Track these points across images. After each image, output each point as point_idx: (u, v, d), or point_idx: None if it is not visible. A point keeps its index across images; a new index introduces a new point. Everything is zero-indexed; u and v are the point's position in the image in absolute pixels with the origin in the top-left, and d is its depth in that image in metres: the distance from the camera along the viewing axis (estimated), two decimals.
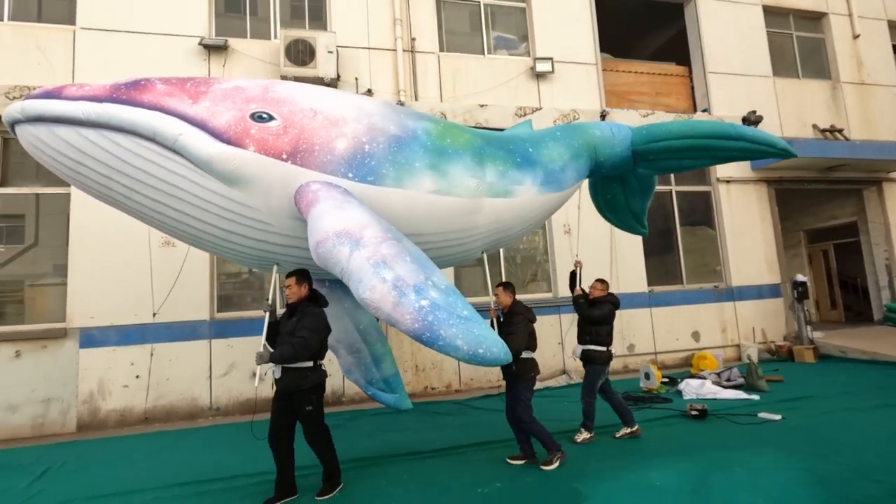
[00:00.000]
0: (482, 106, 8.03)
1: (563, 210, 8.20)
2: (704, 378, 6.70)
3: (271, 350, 3.46)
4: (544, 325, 8.01)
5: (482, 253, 4.60)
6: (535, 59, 8.48)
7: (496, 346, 2.49)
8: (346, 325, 4.71)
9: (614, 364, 8.19)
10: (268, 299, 3.63)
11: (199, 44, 7.11)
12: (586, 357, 4.69)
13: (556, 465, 3.84)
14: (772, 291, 9.27)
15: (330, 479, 3.60)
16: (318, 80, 7.25)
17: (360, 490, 3.63)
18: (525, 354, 4.01)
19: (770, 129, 9.62)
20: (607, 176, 5.41)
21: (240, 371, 6.76)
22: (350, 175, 3.32)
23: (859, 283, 11.52)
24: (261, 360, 3.39)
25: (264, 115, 3.25)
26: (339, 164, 3.32)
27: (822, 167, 9.70)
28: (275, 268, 3.78)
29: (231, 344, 6.80)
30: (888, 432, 4.20)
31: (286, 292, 3.59)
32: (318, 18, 7.93)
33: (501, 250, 8.15)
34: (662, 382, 6.84)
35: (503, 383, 7.46)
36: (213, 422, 6.43)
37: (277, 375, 3.45)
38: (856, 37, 10.67)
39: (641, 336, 8.42)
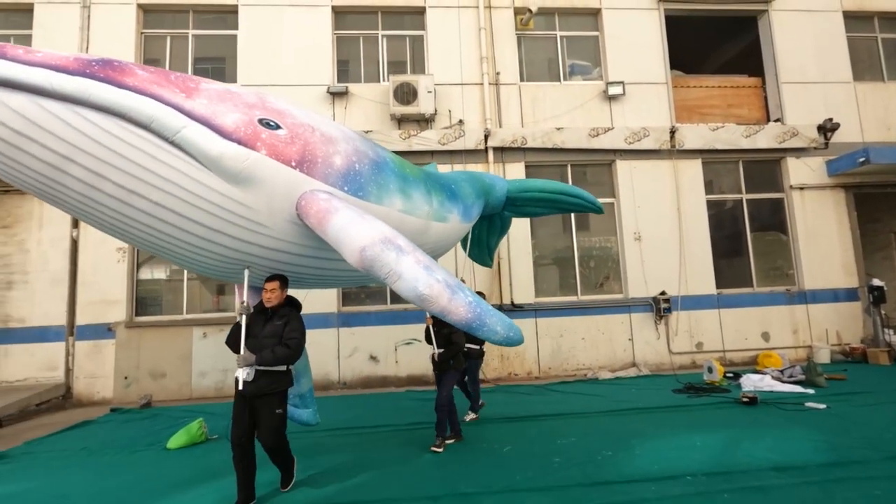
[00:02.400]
0: (558, 129, 9.13)
1: (632, 218, 9.17)
2: (766, 374, 7.38)
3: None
4: (615, 323, 8.99)
5: None
6: (608, 83, 9.40)
7: (519, 332, 3.17)
8: None
9: (683, 360, 9.05)
10: (244, 302, 3.65)
11: (327, 91, 8.88)
12: (465, 354, 5.32)
13: (441, 449, 4.60)
14: (848, 295, 9.47)
15: (288, 476, 3.79)
16: (420, 116, 8.78)
17: (468, 438, 5.00)
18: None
19: (849, 134, 9.80)
20: (481, 216, 6.34)
21: (361, 353, 8.46)
22: (345, 188, 3.65)
23: None
24: (245, 362, 3.41)
25: (272, 123, 3.39)
26: (338, 177, 3.62)
27: None
28: (246, 271, 3.75)
29: (353, 332, 8.52)
30: None
31: (267, 296, 3.65)
32: (419, 62, 9.46)
33: (577, 255, 9.22)
34: (726, 376, 7.59)
35: (576, 372, 8.52)
36: (341, 393, 8.15)
37: (250, 378, 3.43)
38: None
39: (710, 335, 9.09)
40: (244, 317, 3.56)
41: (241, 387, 3.42)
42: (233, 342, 3.64)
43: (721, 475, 3.60)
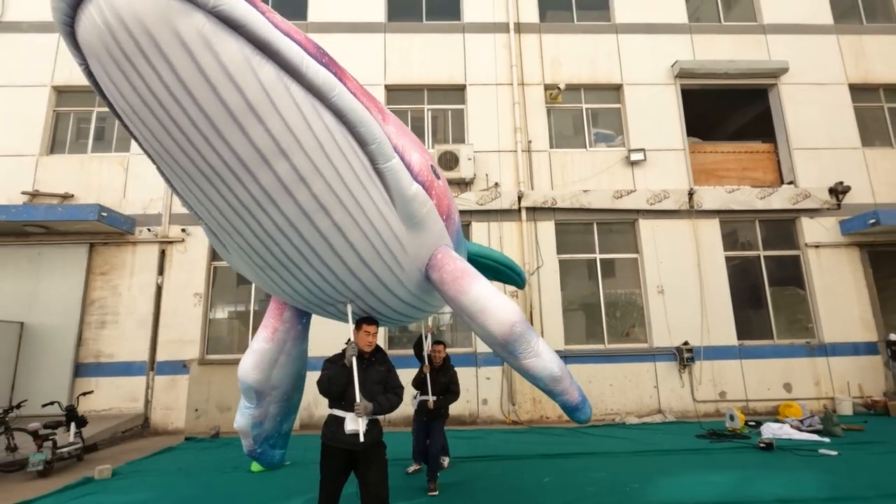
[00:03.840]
0: (585, 191, 10.10)
1: (655, 272, 9.92)
2: (786, 423, 7.85)
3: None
4: (641, 371, 9.58)
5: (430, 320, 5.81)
6: (630, 150, 10.41)
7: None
8: (294, 369, 4.43)
9: (707, 407, 9.53)
10: (351, 342, 3.43)
11: None
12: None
13: (437, 492, 4.82)
14: (868, 349, 9.86)
15: None
16: (461, 180, 9.89)
17: (505, 470, 5.71)
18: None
19: (861, 196, 10.47)
20: None
21: (407, 394, 9.23)
22: (454, 248, 3.72)
23: None
24: (367, 411, 3.22)
25: (436, 171, 3.33)
26: (454, 234, 3.71)
27: None
28: (349, 306, 3.57)
29: (400, 374, 9.32)
30: None
31: (369, 339, 3.52)
32: (460, 132, 10.70)
33: (603, 306, 9.95)
34: (748, 424, 8.07)
35: (604, 417, 9.06)
36: (386, 430, 8.88)
37: (364, 430, 3.20)
38: None
39: (732, 384, 9.57)
40: (355, 359, 3.34)
41: (362, 439, 3.16)
42: (338, 388, 3.33)
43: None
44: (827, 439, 6.96)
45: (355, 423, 3.22)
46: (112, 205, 9.52)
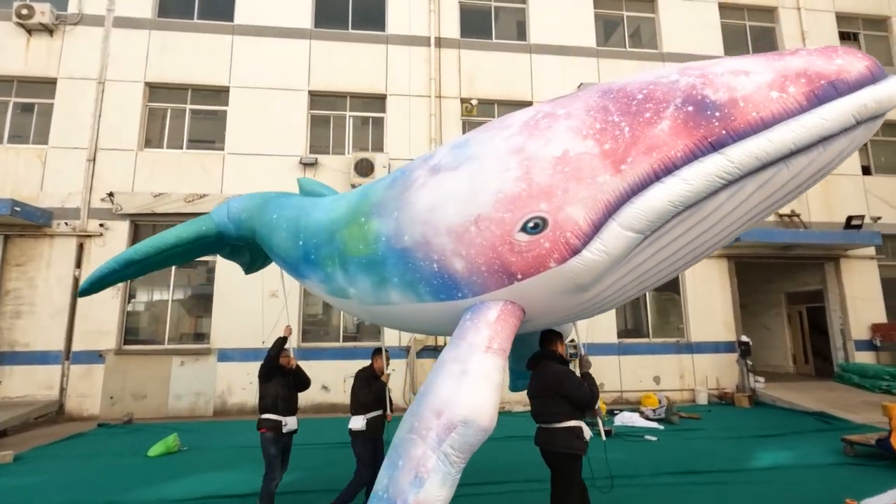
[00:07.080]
0: None
1: None
2: (639, 412, 9.17)
3: None
4: None
5: None
6: None
7: None
8: None
9: None
10: (586, 354, 3.75)
11: (300, 162, 10.70)
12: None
13: None
14: (727, 347, 11.39)
15: None
16: None
17: None
18: None
19: None
20: None
21: (314, 383, 10.03)
22: None
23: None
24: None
25: None
26: None
27: (778, 246, 11.76)
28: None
29: (311, 365, 10.09)
30: (706, 449, 6.64)
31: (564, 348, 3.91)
32: (380, 139, 11.38)
33: None
34: (609, 412, 9.34)
35: None
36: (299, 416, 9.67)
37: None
38: None
39: (610, 377, 10.89)
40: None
41: (604, 437, 3.53)
42: None
43: (533, 482, 5.30)
44: (661, 427, 8.26)
45: (588, 429, 3.61)
46: (29, 197, 9.71)
